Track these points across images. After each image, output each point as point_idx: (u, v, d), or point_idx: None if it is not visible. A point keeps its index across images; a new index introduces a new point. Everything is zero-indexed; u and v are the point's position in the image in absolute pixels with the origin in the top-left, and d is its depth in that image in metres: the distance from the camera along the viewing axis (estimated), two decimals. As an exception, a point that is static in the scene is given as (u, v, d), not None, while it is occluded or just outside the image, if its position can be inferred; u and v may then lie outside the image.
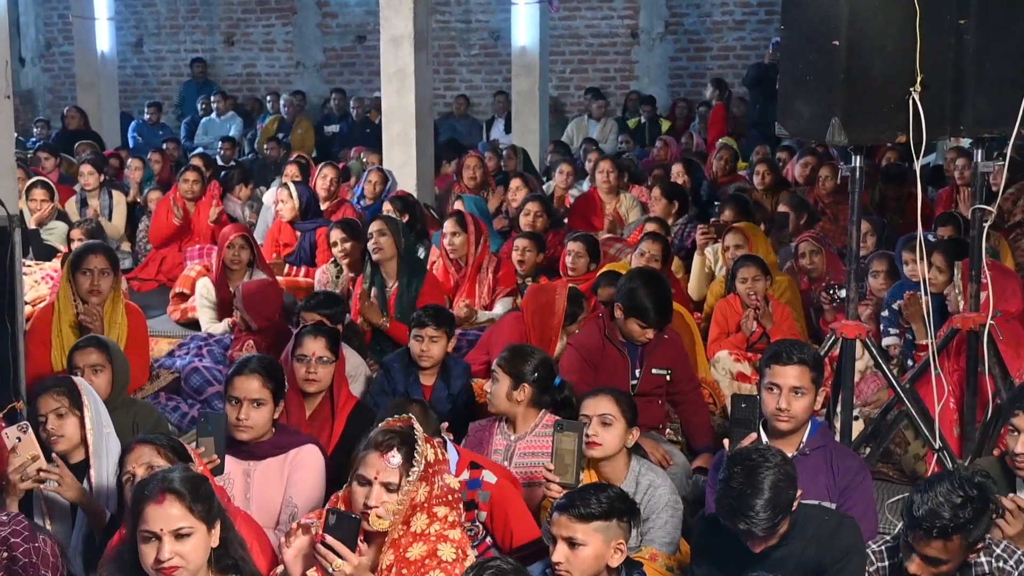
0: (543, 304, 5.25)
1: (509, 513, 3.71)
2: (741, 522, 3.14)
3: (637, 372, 4.76)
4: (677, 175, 8.63)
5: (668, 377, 4.78)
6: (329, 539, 3.02)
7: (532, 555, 3.55)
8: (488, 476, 3.75)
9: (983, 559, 3.14)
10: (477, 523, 3.69)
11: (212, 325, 6.20)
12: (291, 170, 8.80)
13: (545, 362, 4.26)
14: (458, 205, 7.55)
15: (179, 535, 2.84)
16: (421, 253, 6.73)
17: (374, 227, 5.98)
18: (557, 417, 4.13)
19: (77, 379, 3.87)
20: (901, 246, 5.95)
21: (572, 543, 3.14)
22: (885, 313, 5.70)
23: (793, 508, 3.21)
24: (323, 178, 8.07)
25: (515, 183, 8.49)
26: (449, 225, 6.38)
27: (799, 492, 3.25)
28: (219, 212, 7.81)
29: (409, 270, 5.94)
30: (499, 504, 3.71)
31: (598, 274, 5.89)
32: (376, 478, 3.07)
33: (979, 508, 3.03)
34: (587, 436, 3.80)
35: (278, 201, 7.57)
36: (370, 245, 5.96)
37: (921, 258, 4.31)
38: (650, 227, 6.71)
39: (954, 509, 2.99)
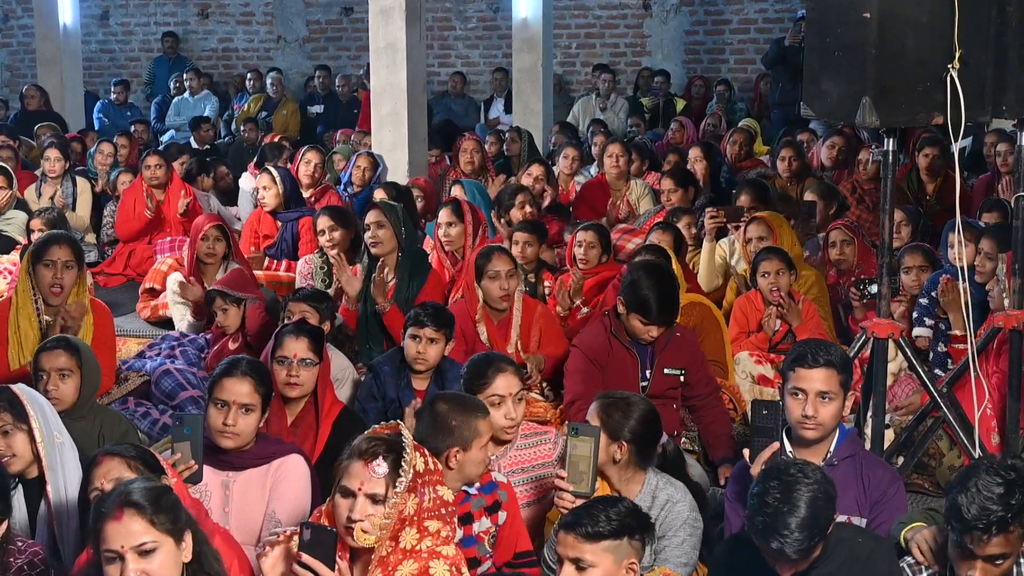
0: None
1: (516, 516, 3.77)
2: (773, 541, 3.12)
3: (648, 373, 4.77)
4: (695, 160, 8.62)
5: (682, 378, 4.79)
6: (305, 557, 3.02)
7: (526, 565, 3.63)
8: (498, 476, 3.80)
9: None
10: (496, 527, 3.72)
11: (184, 323, 6.21)
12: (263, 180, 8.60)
13: None
14: (456, 191, 7.53)
15: (143, 551, 2.84)
16: None
17: (371, 217, 5.92)
18: (534, 425, 4.13)
19: (18, 388, 3.81)
20: (948, 230, 5.94)
21: (580, 565, 3.13)
22: (924, 301, 5.69)
23: (829, 531, 3.21)
24: (306, 163, 8.06)
25: (537, 170, 8.41)
26: (444, 215, 6.37)
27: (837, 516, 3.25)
28: (187, 203, 7.76)
29: (410, 265, 5.90)
30: (512, 504, 3.76)
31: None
32: (360, 489, 3.07)
33: (1021, 486, 3.05)
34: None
35: (259, 187, 7.53)
36: (367, 237, 5.91)
37: (961, 246, 4.30)
38: (681, 222, 6.73)
39: (1002, 498, 3.01)
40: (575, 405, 4.69)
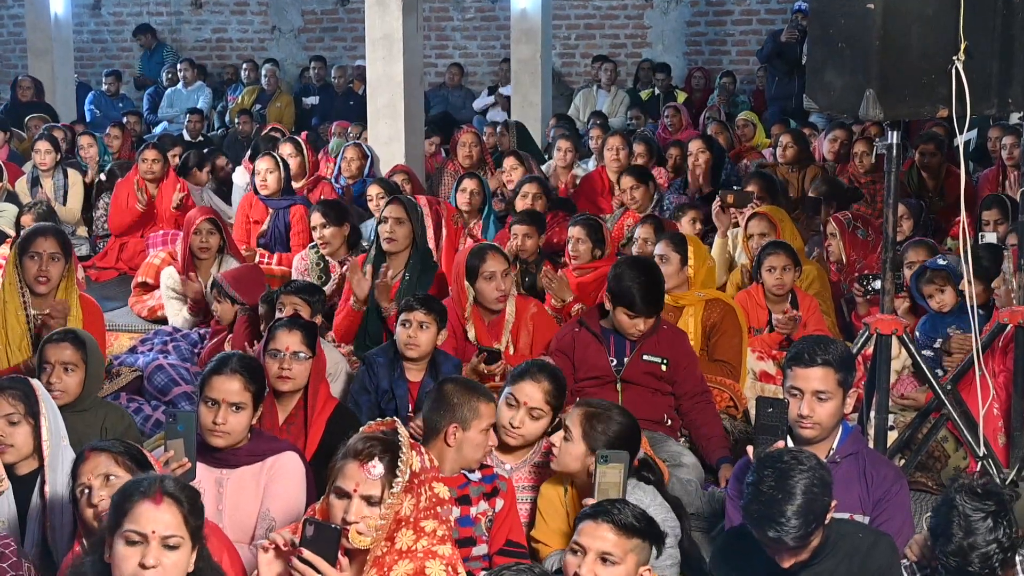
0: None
1: (513, 507, 3.83)
2: (771, 529, 3.14)
3: (625, 359, 4.82)
4: (698, 152, 8.60)
5: (664, 367, 4.80)
6: (306, 553, 3.01)
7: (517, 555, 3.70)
8: (501, 470, 3.91)
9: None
10: (493, 511, 3.76)
11: (179, 319, 6.19)
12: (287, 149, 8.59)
13: None
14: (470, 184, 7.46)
15: (168, 544, 2.85)
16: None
17: (391, 212, 5.77)
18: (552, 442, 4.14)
19: (35, 382, 3.82)
20: (916, 279, 5.56)
21: (606, 559, 3.10)
22: (928, 353, 5.33)
23: (828, 517, 3.22)
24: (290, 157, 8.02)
25: (509, 162, 8.45)
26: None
27: (834, 502, 3.25)
28: (182, 197, 7.74)
29: (422, 262, 5.85)
30: (510, 496, 3.83)
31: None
32: (356, 491, 3.05)
33: (1004, 514, 3.05)
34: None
35: (260, 170, 7.48)
36: (382, 231, 5.79)
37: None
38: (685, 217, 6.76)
39: (992, 535, 3.01)
40: None
